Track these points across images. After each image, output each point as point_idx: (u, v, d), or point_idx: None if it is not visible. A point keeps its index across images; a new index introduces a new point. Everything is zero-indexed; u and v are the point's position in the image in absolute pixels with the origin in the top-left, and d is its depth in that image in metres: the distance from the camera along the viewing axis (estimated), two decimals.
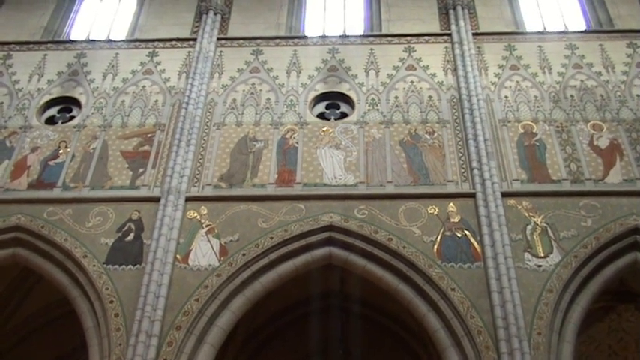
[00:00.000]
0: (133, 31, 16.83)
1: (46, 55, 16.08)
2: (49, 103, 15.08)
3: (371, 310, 15.34)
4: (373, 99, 14.44)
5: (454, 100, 14.29)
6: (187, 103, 14.32)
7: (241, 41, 15.96)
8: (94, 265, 11.97)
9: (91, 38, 16.82)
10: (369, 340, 15.44)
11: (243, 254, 11.92)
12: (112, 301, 11.45)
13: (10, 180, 13.49)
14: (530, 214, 12.26)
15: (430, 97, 14.42)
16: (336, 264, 12.41)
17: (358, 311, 15.46)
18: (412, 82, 14.73)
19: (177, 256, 11.96)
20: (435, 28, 16.12)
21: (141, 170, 13.47)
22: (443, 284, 11.36)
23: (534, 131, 13.71)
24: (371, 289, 12.98)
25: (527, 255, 11.71)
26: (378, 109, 14.23)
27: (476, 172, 12.82)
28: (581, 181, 12.81)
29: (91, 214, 12.72)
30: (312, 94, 14.69)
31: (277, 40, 15.98)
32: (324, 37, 16.07)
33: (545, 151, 13.34)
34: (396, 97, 14.44)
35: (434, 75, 14.86)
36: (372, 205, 12.50)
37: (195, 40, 15.92)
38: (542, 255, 11.70)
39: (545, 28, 16.38)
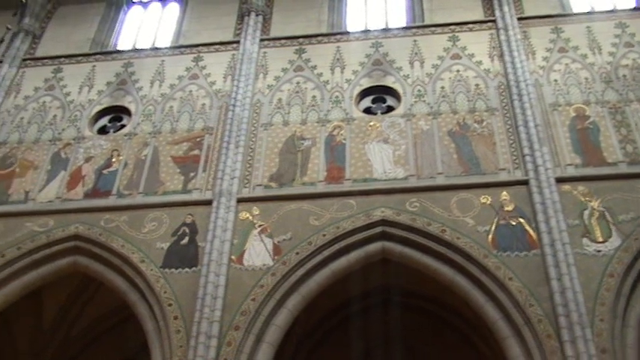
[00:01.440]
0: (177, 38, 17.03)
1: (94, 66, 16.39)
2: (100, 113, 15.37)
3: (428, 303, 15.27)
4: (419, 90, 14.32)
5: (502, 86, 14.07)
6: (234, 106, 14.41)
7: (284, 41, 15.99)
8: (152, 270, 12.16)
9: (136, 47, 17.09)
10: (428, 333, 15.35)
11: (297, 253, 11.96)
12: (170, 304, 11.61)
13: (66, 190, 13.80)
14: (587, 198, 12.00)
15: (477, 85, 14.23)
16: (390, 258, 12.34)
17: (415, 305, 15.42)
18: (458, 71, 14.55)
19: (232, 257, 12.06)
20: (479, 15, 15.86)
21: (192, 174, 13.62)
22: (500, 274, 11.20)
23: (587, 114, 13.39)
24: (427, 282, 12.89)
25: (585, 240, 11.46)
26: (424, 101, 14.11)
27: (528, 158, 12.59)
28: (638, 162, 12.47)
29: (145, 220, 12.93)
30: (358, 90, 14.63)
31: (320, 38, 15.95)
32: (366, 31, 15.99)
33: (599, 134, 13.02)
34: (442, 88, 14.28)
35: (480, 63, 14.66)
36: (423, 197, 12.39)
37: (238, 42, 16.01)
38: (601, 240, 11.44)
39: (592, 8, 15.97)
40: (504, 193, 12.24)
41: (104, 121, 15.29)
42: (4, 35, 12.95)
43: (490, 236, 11.70)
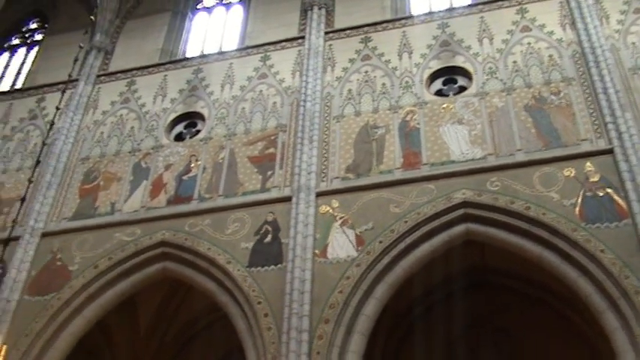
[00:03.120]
0: (242, 40, 17.21)
1: (165, 75, 16.74)
2: (175, 121, 15.69)
3: (515, 281, 14.99)
4: (490, 68, 14.01)
5: (577, 55, 13.60)
6: (305, 101, 14.46)
7: (349, 31, 15.91)
8: (238, 270, 12.34)
9: (204, 53, 17.35)
10: (517, 311, 15.05)
11: (380, 241, 11.91)
12: (259, 302, 11.76)
13: (150, 199, 14.14)
14: None
15: (550, 56, 13.80)
16: (475, 239, 12.17)
17: (501, 284, 15.18)
18: (529, 43, 14.15)
19: (316, 251, 12.10)
20: None
21: (269, 172, 13.74)
22: (590, 247, 10.86)
23: None
24: (512, 260, 12.68)
25: None
26: (497, 77, 13.79)
27: (610, 126, 12.13)
28: None
29: (228, 221, 13.13)
30: (427, 73, 14.44)
31: (384, 24, 15.80)
32: (430, 13, 15.74)
33: None
34: (515, 62, 13.92)
35: (551, 33, 14.22)
36: (504, 175, 12.13)
37: (303, 37, 16.04)
38: None
39: None
40: (588, 164, 11.86)
41: (180, 127, 15.60)
42: (78, 54, 13.30)
43: (577, 209, 11.36)
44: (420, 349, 15.05)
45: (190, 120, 15.63)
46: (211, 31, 18.39)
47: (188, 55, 17.65)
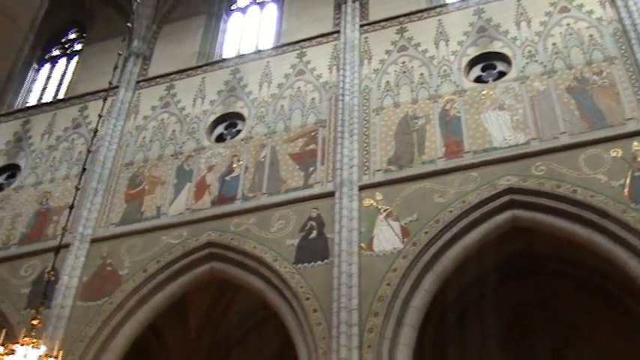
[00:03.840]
0: (278, 37, 17.25)
1: (204, 77, 16.86)
2: (216, 122, 15.78)
3: (568, 266, 14.74)
4: (530, 51, 13.80)
5: (618, 33, 13.30)
6: (343, 95, 14.43)
7: (384, 23, 15.82)
8: (285, 267, 12.38)
9: (241, 53, 17.43)
10: (570, 296, 14.82)
11: (426, 232, 11.83)
12: (308, 298, 11.79)
13: (194, 201, 14.27)
14: None
15: (591, 35, 13.53)
16: (522, 226, 12.03)
17: (550, 269, 14.96)
18: (568, 24, 13.89)
19: (362, 244, 12.08)
20: None
21: (311, 169, 13.76)
22: None
23: None
24: (561, 244, 12.50)
25: None
26: (536, 61, 13.58)
27: None
28: None
29: (273, 219, 13.18)
30: (466, 60, 14.28)
31: (419, 14, 15.68)
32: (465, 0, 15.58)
33: None
34: (554, 44, 13.69)
35: (591, 12, 13.92)
36: (548, 159, 11.95)
37: (338, 32, 15.99)
38: None
39: None
40: (635, 143, 11.60)
41: (220, 129, 15.70)
42: (117, 61, 13.49)
43: (626, 190, 11.13)
44: (471, 338, 14.94)
45: (230, 120, 15.71)
46: (246, 31, 18.49)
47: (225, 56, 17.75)
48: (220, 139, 15.51)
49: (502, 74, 13.85)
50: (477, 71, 14.18)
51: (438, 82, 14.08)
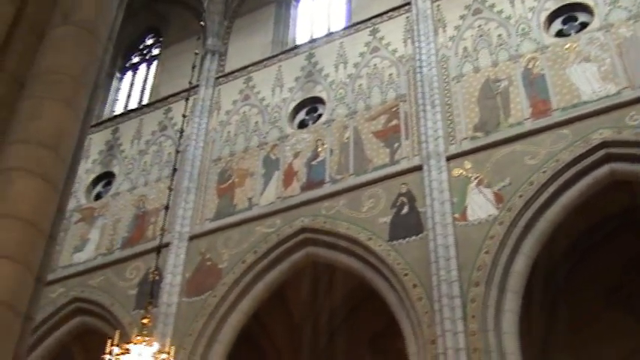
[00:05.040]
0: (349, 17, 17.14)
1: (280, 66, 16.94)
2: (296, 109, 15.85)
3: None
4: None
5: None
6: (420, 67, 14.23)
7: None
8: (380, 245, 12.34)
9: (313, 37, 17.41)
10: None
11: (520, 196, 11.54)
12: (406, 274, 11.72)
13: (284, 189, 14.40)
14: None
15: None
16: (622, 179, 11.56)
17: None
18: None
19: (455, 215, 11.91)
20: None
21: (396, 145, 13.64)
22: None
23: None
24: None
25: None
26: (620, 6, 12.94)
27: None
28: None
29: (363, 199, 13.16)
30: (544, 15, 13.79)
31: None
32: None
33: None
34: None
35: None
36: None
37: (409, 3, 15.71)
38: None
39: None
40: None
41: (302, 115, 15.76)
42: (195, 61, 13.72)
43: None
44: (577, 300, 14.47)
45: (311, 105, 15.75)
46: (317, 15, 18.43)
47: (298, 42, 17.77)
48: (303, 125, 15.57)
49: (584, 25, 13.31)
50: (557, 25, 13.68)
51: (517, 42, 13.67)
